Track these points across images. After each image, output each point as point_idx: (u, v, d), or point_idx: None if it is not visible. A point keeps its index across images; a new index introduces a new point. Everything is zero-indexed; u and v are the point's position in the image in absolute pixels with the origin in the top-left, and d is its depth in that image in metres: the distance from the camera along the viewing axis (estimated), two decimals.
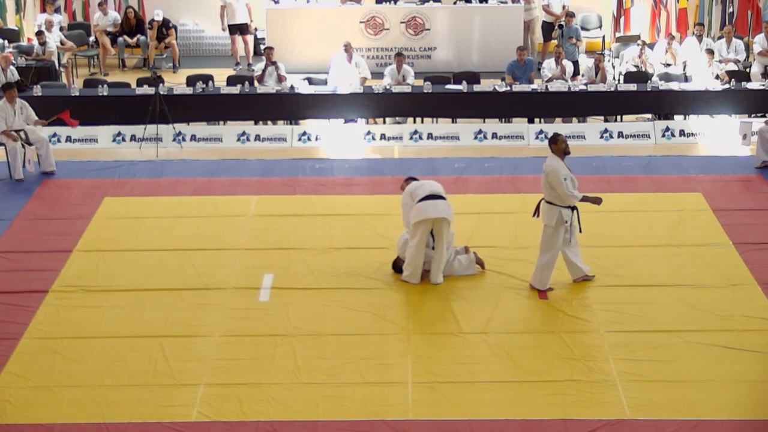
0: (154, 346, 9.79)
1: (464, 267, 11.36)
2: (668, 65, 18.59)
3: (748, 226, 12.55)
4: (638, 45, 18.78)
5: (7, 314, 10.45)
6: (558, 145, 10.77)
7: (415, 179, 11.49)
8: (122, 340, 9.97)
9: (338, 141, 16.43)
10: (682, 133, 16.51)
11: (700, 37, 18.80)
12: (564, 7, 20.57)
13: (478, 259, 11.48)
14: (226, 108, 16.83)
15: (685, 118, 17.00)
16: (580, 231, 10.93)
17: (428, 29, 20.46)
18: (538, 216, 10.92)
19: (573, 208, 10.80)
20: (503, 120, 17.05)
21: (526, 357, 9.61)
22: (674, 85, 17.14)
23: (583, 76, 17.71)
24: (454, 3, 20.93)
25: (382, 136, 16.53)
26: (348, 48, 17.97)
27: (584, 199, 10.84)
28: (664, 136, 16.47)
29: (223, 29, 20.76)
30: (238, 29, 20.68)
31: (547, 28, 20.68)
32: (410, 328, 10.24)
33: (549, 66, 17.73)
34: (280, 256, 11.86)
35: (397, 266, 11.37)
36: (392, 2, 20.76)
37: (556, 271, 11.35)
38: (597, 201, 11.00)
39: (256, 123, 17.02)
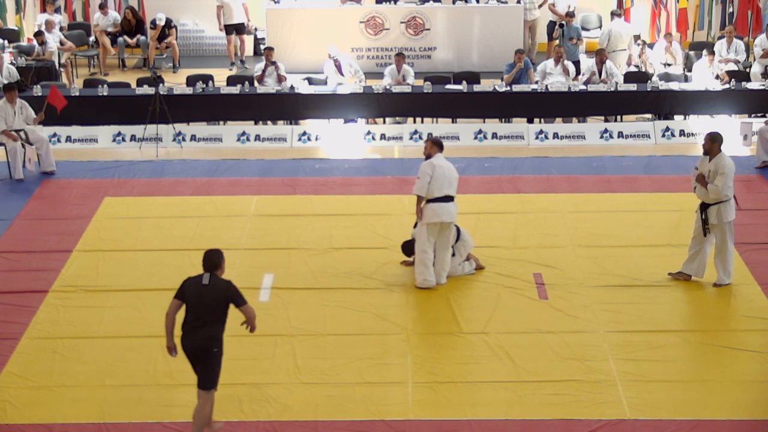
0: (154, 346, 9.76)
1: (465, 272, 11.37)
2: (668, 65, 18.59)
3: (748, 226, 12.52)
4: (638, 45, 18.77)
5: (7, 314, 10.45)
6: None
7: (440, 145, 11.13)
8: (122, 340, 9.97)
9: (338, 141, 16.42)
10: (682, 133, 16.50)
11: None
12: (569, 6, 20.54)
13: (478, 265, 11.49)
14: (226, 108, 16.82)
15: (685, 118, 17.00)
16: (705, 234, 10.94)
17: (428, 29, 20.45)
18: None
19: (707, 205, 10.81)
20: (503, 120, 17.04)
21: (526, 357, 9.61)
22: (674, 85, 17.13)
23: (584, 75, 17.69)
24: (453, 3, 20.91)
25: (382, 136, 16.51)
26: (334, 58, 17.92)
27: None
28: (664, 136, 16.47)
29: (221, 29, 20.74)
30: (235, 29, 20.65)
31: (552, 27, 20.64)
32: (410, 328, 10.24)
33: (546, 64, 17.68)
34: (280, 256, 11.86)
35: (408, 248, 11.35)
36: (392, 2, 20.75)
37: (555, 270, 11.37)
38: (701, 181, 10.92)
39: (256, 123, 17.00)
